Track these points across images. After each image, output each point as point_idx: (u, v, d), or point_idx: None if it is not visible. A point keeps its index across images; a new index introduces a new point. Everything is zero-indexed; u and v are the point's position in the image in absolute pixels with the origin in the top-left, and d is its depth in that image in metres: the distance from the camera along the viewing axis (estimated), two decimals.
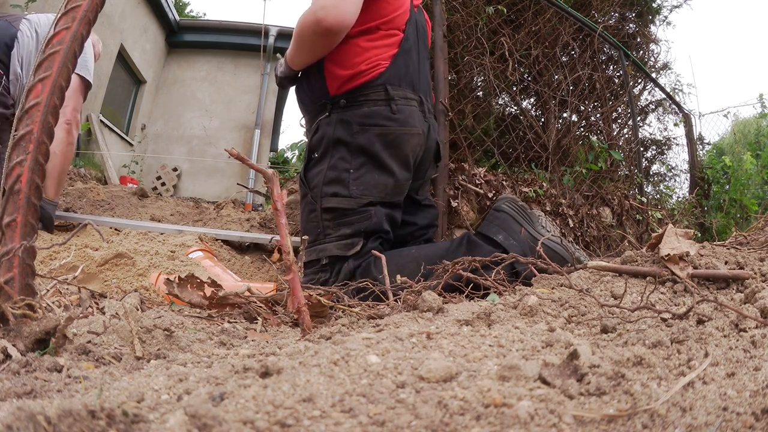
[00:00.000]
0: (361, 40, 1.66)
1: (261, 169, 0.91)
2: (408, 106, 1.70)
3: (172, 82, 8.69)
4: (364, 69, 1.64)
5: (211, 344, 0.86)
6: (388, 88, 1.65)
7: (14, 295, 0.73)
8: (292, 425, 0.41)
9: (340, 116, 1.65)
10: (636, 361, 0.55)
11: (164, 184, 7.98)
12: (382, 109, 1.65)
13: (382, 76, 1.66)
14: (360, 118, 1.63)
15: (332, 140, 1.64)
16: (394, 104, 1.66)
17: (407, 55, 1.73)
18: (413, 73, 1.75)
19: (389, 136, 1.64)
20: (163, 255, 1.95)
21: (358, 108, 1.64)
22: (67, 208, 3.12)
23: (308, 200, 1.68)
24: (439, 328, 0.73)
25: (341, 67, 1.65)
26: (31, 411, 0.39)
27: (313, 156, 1.70)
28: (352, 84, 1.65)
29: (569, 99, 3.66)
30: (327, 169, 1.64)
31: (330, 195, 1.62)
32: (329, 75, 1.66)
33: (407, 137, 1.67)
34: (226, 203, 4.58)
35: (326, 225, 1.62)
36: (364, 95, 1.65)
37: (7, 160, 0.80)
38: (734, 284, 0.90)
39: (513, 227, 1.58)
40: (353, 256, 1.57)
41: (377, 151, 1.62)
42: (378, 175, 1.63)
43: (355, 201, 1.61)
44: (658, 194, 4.99)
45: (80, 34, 0.87)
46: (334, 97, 1.67)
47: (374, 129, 1.63)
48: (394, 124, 1.65)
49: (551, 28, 3.56)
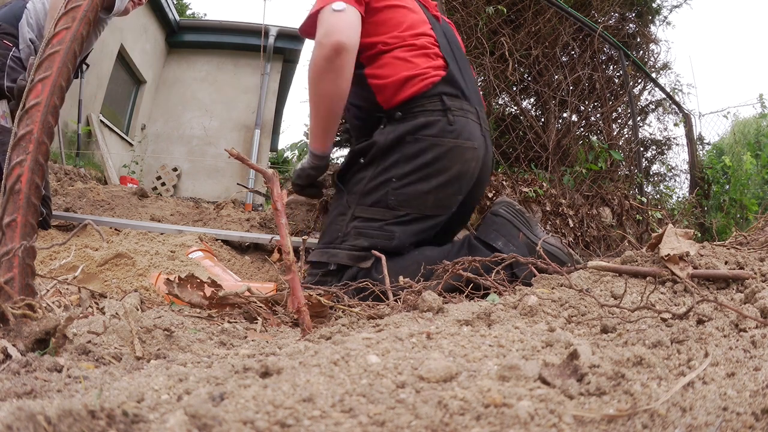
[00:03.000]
0: (397, 51, 1.62)
1: (261, 169, 0.91)
2: (465, 118, 1.64)
3: (172, 82, 8.69)
4: (411, 75, 1.59)
5: (211, 344, 0.86)
6: (444, 98, 1.60)
7: (14, 295, 0.73)
8: (292, 425, 0.41)
9: (394, 127, 1.60)
10: (636, 361, 0.55)
11: (164, 184, 7.98)
12: (439, 120, 1.59)
13: (437, 86, 1.61)
14: (414, 129, 1.58)
15: (382, 149, 1.60)
16: (451, 115, 1.60)
17: (454, 64, 1.69)
18: (466, 83, 1.70)
19: (442, 148, 1.58)
20: (163, 255, 1.94)
21: (414, 119, 1.59)
22: (67, 208, 3.12)
23: (342, 203, 1.64)
24: (439, 328, 0.73)
25: (385, 78, 1.61)
26: (31, 411, 0.39)
27: (359, 161, 1.65)
28: (405, 94, 1.60)
29: (569, 99, 3.66)
30: (370, 178, 1.60)
31: (368, 204, 1.58)
32: (376, 89, 1.62)
33: (461, 150, 1.61)
34: (226, 203, 4.58)
35: (349, 232, 1.58)
36: (419, 106, 1.60)
37: (7, 160, 0.81)
38: (734, 284, 0.90)
39: (512, 232, 1.56)
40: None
41: (426, 162, 1.57)
42: (421, 187, 1.58)
43: (391, 212, 1.57)
44: (658, 194, 4.99)
45: (80, 34, 0.87)
46: (389, 111, 1.62)
47: (427, 140, 1.57)
48: (450, 136, 1.59)
49: (551, 28, 3.56)
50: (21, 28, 2.18)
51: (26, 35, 2.18)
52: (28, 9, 2.21)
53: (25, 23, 2.18)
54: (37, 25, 2.21)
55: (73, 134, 6.28)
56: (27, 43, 2.19)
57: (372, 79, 1.63)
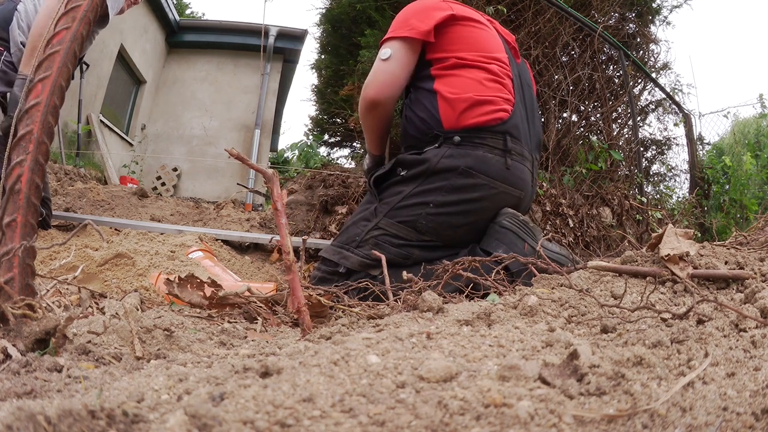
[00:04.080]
0: (472, 71, 1.60)
1: (261, 169, 0.91)
2: (521, 164, 1.61)
3: (172, 82, 8.69)
4: (480, 100, 1.56)
5: (211, 344, 0.86)
6: (507, 138, 1.57)
7: (14, 295, 0.73)
8: (292, 425, 0.41)
9: (450, 151, 1.56)
10: (636, 361, 0.55)
11: (164, 184, 7.98)
12: (497, 159, 1.56)
13: (505, 124, 1.58)
14: (470, 162, 1.54)
15: (430, 170, 1.56)
16: (510, 158, 1.57)
17: (521, 105, 1.66)
18: (528, 128, 1.68)
19: (491, 191, 1.55)
20: (163, 255, 1.94)
21: (473, 149, 1.55)
22: (67, 208, 3.12)
23: (370, 210, 1.61)
24: (439, 328, 0.73)
25: (454, 93, 1.58)
26: (31, 411, 0.39)
27: (400, 172, 1.62)
28: (470, 121, 1.56)
29: (569, 99, 3.66)
30: (408, 195, 1.57)
31: (396, 220, 1.56)
32: (442, 104, 1.59)
33: (507, 197, 1.59)
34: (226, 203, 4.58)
35: (368, 239, 1.56)
36: (481, 138, 1.56)
37: (7, 160, 0.80)
38: (734, 284, 0.90)
39: (514, 242, 1.54)
40: None
41: (470, 199, 1.54)
42: (456, 220, 1.55)
43: (417, 235, 1.55)
44: (658, 194, 4.99)
45: (80, 34, 0.87)
46: (448, 132, 1.58)
47: (479, 178, 1.54)
48: (501, 181, 1.56)
49: (551, 28, 3.56)
50: (12, 31, 2.11)
51: (17, 38, 2.11)
52: (18, 11, 2.13)
53: (15, 26, 2.11)
54: (28, 27, 2.12)
55: (73, 134, 6.28)
56: (18, 46, 2.11)
57: (440, 94, 1.60)
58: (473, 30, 1.68)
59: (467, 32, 1.66)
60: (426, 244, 1.56)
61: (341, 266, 1.56)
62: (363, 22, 4.17)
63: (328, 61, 5.28)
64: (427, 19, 1.62)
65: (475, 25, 1.69)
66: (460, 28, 1.66)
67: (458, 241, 1.59)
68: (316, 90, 6.05)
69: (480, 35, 1.68)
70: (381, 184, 1.67)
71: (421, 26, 1.61)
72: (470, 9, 1.80)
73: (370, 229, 1.58)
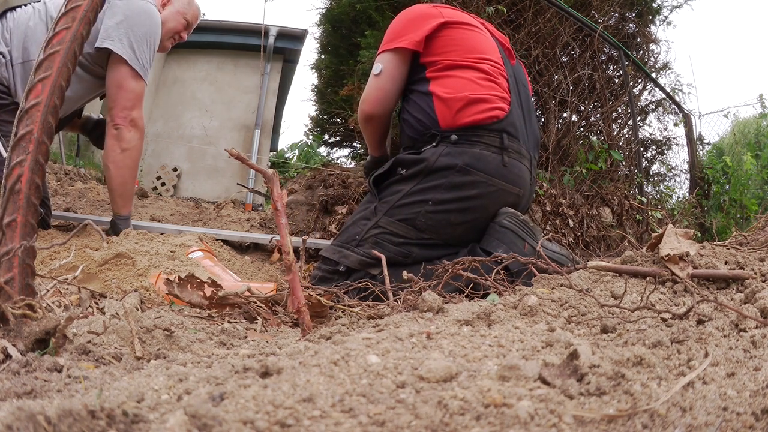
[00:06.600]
0: (465, 71, 1.62)
1: (261, 169, 0.91)
2: (519, 162, 1.63)
3: (172, 82, 8.69)
4: (475, 99, 1.57)
5: (211, 344, 0.86)
6: (504, 137, 1.58)
7: (14, 295, 0.73)
8: (292, 425, 0.41)
9: (448, 150, 1.57)
10: (636, 361, 0.55)
11: (164, 184, 7.98)
12: (494, 156, 1.57)
13: (501, 122, 1.59)
14: (467, 159, 1.55)
15: (429, 168, 1.57)
16: (507, 156, 1.58)
17: (517, 104, 1.68)
18: (525, 127, 1.69)
19: (489, 188, 1.56)
20: (163, 255, 1.94)
21: (470, 147, 1.56)
22: (67, 208, 3.12)
23: (370, 209, 1.62)
24: (439, 328, 0.73)
25: (448, 93, 1.60)
26: (31, 411, 0.39)
27: (400, 171, 1.63)
28: (466, 120, 1.57)
29: (569, 99, 3.66)
30: (407, 193, 1.58)
31: (396, 218, 1.57)
32: (438, 104, 1.61)
33: (506, 195, 1.60)
34: (226, 203, 4.58)
35: (368, 238, 1.57)
36: (478, 136, 1.57)
37: (7, 160, 0.80)
38: (734, 284, 0.90)
39: (514, 241, 1.54)
40: None
41: (468, 196, 1.55)
42: (455, 218, 1.56)
43: (416, 233, 1.55)
44: (658, 194, 4.99)
45: (80, 34, 0.87)
46: (445, 131, 1.60)
47: (477, 175, 1.55)
48: (499, 178, 1.57)
49: (551, 28, 3.56)
50: None
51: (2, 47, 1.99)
52: (5, 18, 2.02)
53: (1, 31, 2.02)
54: (20, 33, 1.99)
55: (73, 134, 6.28)
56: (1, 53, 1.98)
57: (435, 95, 1.62)
58: (465, 32, 1.69)
59: (459, 35, 1.68)
60: (425, 242, 1.57)
61: (341, 265, 1.56)
62: (363, 22, 4.17)
63: (328, 61, 5.28)
64: (417, 29, 1.65)
65: (467, 27, 1.71)
66: (452, 31, 1.68)
67: (458, 239, 1.59)
68: (316, 90, 6.05)
69: (472, 37, 1.70)
70: (380, 183, 1.67)
71: (413, 37, 1.64)
72: (462, 12, 1.82)
73: (369, 228, 1.59)
